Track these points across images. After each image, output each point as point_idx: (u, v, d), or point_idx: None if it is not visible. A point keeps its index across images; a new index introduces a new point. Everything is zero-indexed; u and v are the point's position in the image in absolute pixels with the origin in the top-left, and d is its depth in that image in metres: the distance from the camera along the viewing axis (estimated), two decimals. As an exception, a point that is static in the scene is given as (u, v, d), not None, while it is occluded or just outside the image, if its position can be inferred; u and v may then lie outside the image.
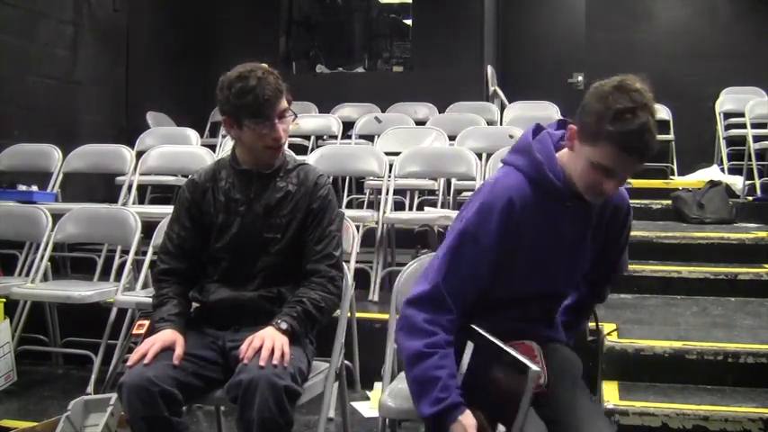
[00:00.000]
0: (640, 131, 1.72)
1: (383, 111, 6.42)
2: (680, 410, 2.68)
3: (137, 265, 3.63)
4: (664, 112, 7.09)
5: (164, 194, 5.70)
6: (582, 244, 1.96)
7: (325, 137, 6.11)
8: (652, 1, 7.67)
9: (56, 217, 3.79)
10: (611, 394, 2.82)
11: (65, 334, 3.88)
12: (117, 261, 3.79)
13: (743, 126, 5.98)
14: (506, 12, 8.38)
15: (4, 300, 3.49)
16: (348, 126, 6.04)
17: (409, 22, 7.84)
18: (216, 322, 2.24)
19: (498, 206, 1.84)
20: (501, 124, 6.07)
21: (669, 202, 5.11)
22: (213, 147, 5.76)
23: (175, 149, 4.97)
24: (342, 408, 2.54)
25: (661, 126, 7.02)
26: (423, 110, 6.47)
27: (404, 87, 7.00)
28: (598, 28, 7.67)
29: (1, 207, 4.02)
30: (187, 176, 2.69)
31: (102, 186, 5.59)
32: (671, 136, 6.98)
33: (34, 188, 4.65)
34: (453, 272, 1.86)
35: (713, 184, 5.14)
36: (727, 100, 6.60)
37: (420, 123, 5.87)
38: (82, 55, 5.88)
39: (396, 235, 4.38)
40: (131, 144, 5.15)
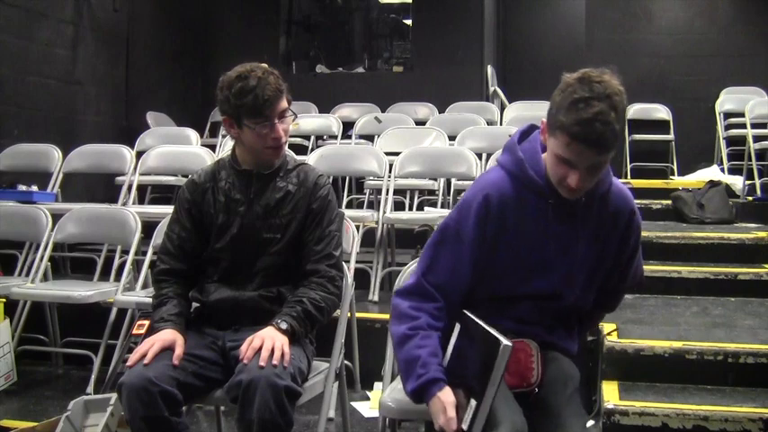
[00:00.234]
0: (590, 120, 1.69)
1: (383, 111, 6.41)
2: (680, 410, 2.67)
3: (137, 265, 3.63)
4: (664, 112, 7.11)
5: (164, 194, 5.70)
6: (575, 244, 1.91)
7: (325, 137, 6.11)
8: (652, 1, 7.66)
9: (56, 217, 3.79)
10: (611, 394, 2.82)
11: (65, 334, 3.88)
12: (117, 261, 3.79)
13: (743, 126, 5.97)
14: (506, 12, 8.39)
15: (4, 300, 3.50)
16: (348, 126, 6.04)
17: (409, 22, 7.84)
18: (216, 322, 2.24)
19: (476, 202, 1.88)
20: (501, 124, 6.06)
21: (669, 202, 5.10)
22: (213, 147, 5.76)
23: (175, 149, 4.97)
24: (342, 408, 2.53)
25: (661, 126, 7.05)
26: (423, 110, 6.46)
27: (404, 87, 7.00)
28: (598, 28, 7.67)
29: (1, 207, 4.02)
30: (187, 176, 2.70)
31: (102, 186, 5.59)
32: (671, 136, 6.98)
33: (34, 188, 4.65)
34: (434, 266, 1.91)
35: (713, 184, 5.14)
36: (727, 100, 6.61)
37: (420, 123, 5.86)
38: (82, 55, 5.88)
39: (396, 235, 4.38)
40: (131, 144, 5.15)
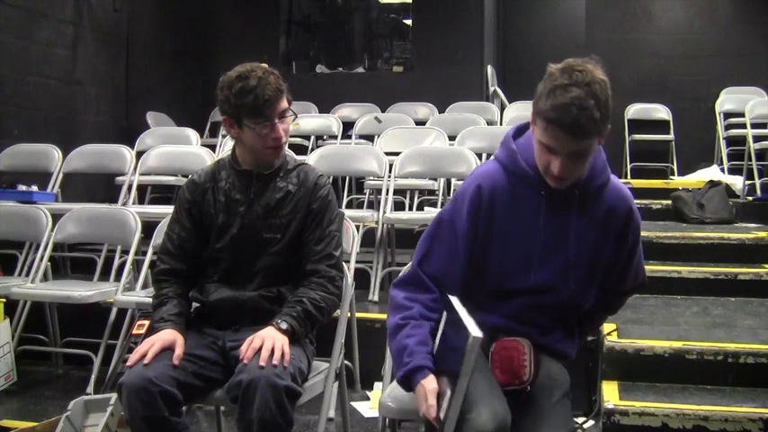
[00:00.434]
0: (566, 105, 1.71)
1: (383, 111, 6.41)
2: (680, 410, 2.68)
3: (137, 266, 3.63)
4: (664, 112, 7.11)
5: (164, 194, 5.70)
6: (568, 237, 1.90)
7: (325, 137, 6.10)
8: (652, 1, 7.65)
9: (56, 217, 3.79)
10: (611, 394, 2.82)
11: (65, 334, 3.88)
12: (117, 261, 3.79)
13: (743, 126, 5.97)
14: (506, 12, 8.38)
15: (4, 300, 3.50)
16: (348, 126, 6.03)
17: (409, 22, 7.84)
18: (216, 322, 2.24)
19: (468, 193, 1.91)
20: (501, 124, 6.06)
21: (669, 202, 5.11)
22: (213, 147, 5.76)
23: (175, 149, 4.97)
24: (342, 408, 2.53)
25: (661, 126, 7.06)
26: (423, 110, 6.46)
27: (404, 87, 6.99)
28: (598, 28, 7.66)
29: (1, 207, 4.02)
30: (187, 176, 2.70)
31: (102, 186, 5.59)
32: (671, 136, 6.98)
33: (34, 188, 4.65)
34: (429, 256, 1.94)
35: (713, 184, 5.14)
36: (727, 100, 6.61)
37: (420, 123, 5.86)
38: (82, 55, 5.88)
39: (396, 235, 4.38)
40: (131, 144, 5.15)
